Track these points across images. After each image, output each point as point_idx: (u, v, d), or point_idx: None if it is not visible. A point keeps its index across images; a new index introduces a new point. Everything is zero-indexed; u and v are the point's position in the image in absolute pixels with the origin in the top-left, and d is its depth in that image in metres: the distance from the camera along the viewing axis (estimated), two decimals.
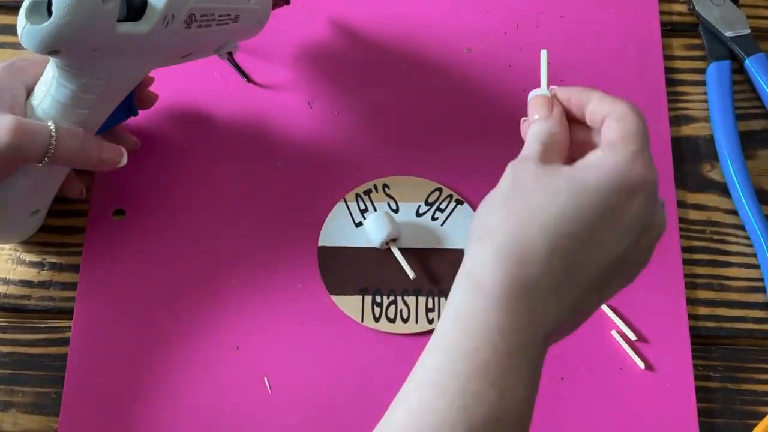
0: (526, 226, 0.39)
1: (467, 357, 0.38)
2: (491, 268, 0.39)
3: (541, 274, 0.39)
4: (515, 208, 0.40)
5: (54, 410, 0.52)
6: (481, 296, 0.39)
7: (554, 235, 0.39)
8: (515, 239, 0.39)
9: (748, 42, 0.63)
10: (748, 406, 0.54)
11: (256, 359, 0.53)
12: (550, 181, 0.40)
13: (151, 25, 0.46)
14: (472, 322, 0.39)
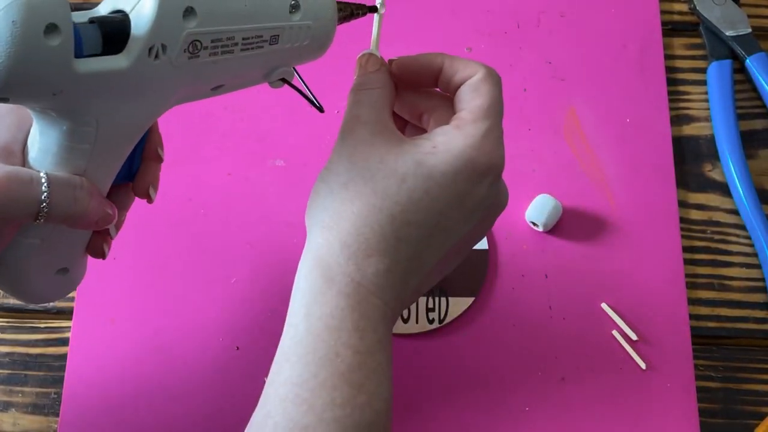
0: (373, 213, 0.38)
1: (330, 365, 0.36)
2: (341, 261, 0.38)
3: (391, 265, 0.38)
4: (360, 191, 0.39)
5: (54, 410, 0.52)
6: (333, 294, 0.37)
7: (402, 223, 0.38)
8: (363, 230, 0.38)
9: (749, 41, 0.63)
10: (748, 406, 0.53)
11: (256, 359, 0.53)
12: (395, 163, 0.39)
13: (132, 58, 0.36)
14: (328, 323, 0.37)
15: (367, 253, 0.38)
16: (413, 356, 0.53)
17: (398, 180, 0.38)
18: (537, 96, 0.61)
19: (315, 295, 0.38)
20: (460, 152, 0.39)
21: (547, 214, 0.56)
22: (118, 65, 0.36)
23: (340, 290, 0.37)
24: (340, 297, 0.37)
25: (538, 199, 0.56)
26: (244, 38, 0.40)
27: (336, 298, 0.37)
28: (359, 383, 0.36)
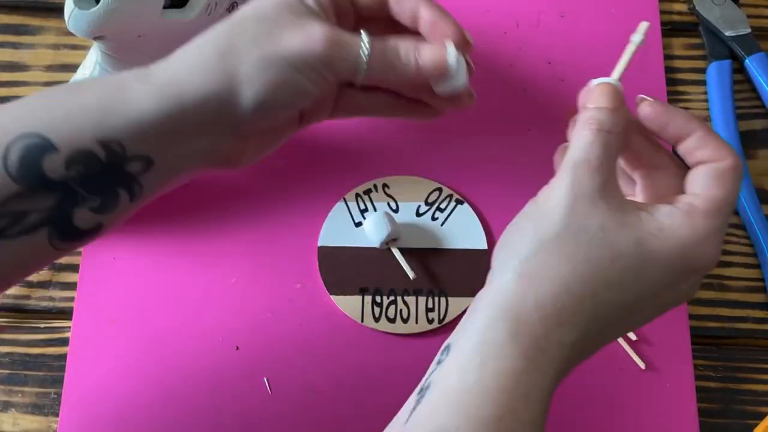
0: (578, 283, 0.36)
1: (490, 427, 0.34)
2: (532, 321, 0.36)
3: (577, 340, 0.36)
4: (572, 254, 0.36)
5: (54, 410, 0.52)
6: (515, 354, 0.35)
7: (603, 302, 0.36)
8: (563, 297, 0.36)
9: (748, 41, 0.63)
10: (748, 406, 0.53)
11: (256, 359, 0.53)
12: (616, 235, 0.36)
13: (196, 12, 0.47)
14: (502, 383, 0.35)
15: (559, 321, 0.36)
16: (413, 356, 0.53)
17: (614, 255, 0.36)
18: (537, 96, 0.61)
19: (496, 347, 0.36)
20: (684, 245, 0.37)
21: None
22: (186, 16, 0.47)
23: (522, 351, 0.35)
24: (521, 359, 0.35)
25: None
26: None
27: (517, 359, 0.35)
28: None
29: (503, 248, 0.38)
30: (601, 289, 0.36)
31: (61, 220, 0.38)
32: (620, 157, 0.41)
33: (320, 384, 0.53)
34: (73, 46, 0.63)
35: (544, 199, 0.38)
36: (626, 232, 0.36)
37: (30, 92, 0.61)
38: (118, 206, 0.40)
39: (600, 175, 0.37)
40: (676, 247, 0.37)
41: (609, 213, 0.37)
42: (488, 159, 0.59)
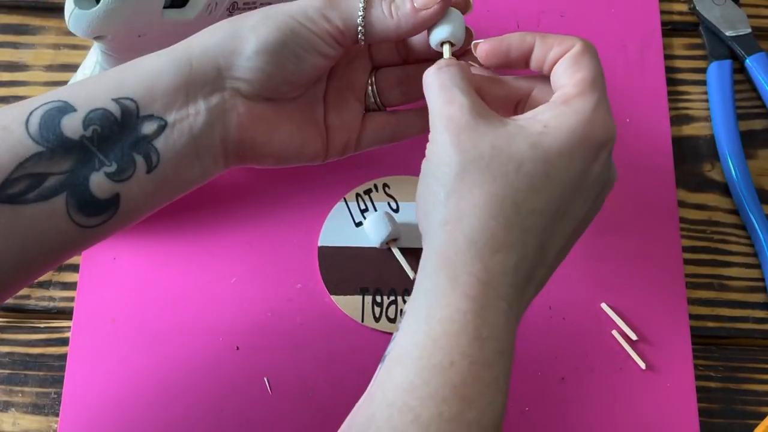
0: (497, 203, 0.36)
1: (443, 374, 0.34)
2: (467, 260, 0.36)
3: (519, 261, 0.36)
4: (478, 181, 0.36)
5: (54, 410, 0.52)
6: (456, 296, 0.35)
7: (527, 212, 0.36)
8: (489, 223, 0.36)
9: (748, 41, 0.63)
10: (748, 406, 0.53)
11: (256, 359, 0.53)
12: (509, 147, 0.36)
13: (196, 12, 0.47)
14: (447, 328, 0.35)
15: (494, 248, 0.35)
16: None
17: (516, 165, 0.36)
18: None
19: (438, 296, 0.36)
20: (573, 129, 0.37)
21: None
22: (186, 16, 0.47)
23: (464, 292, 0.35)
24: (464, 300, 0.35)
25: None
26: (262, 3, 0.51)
27: (459, 301, 0.35)
28: (471, 398, 0.34)
29: (421, 214, 0.39)
30: (519, 200, 0.36)
31: (78, 185, 0.39)
32: (492, 103, 0.41)
33: (320, 384, 0.53)
34: (74, 46, 0.63)
35: (432, 152, 0.39)
36: (517, 141, 0.36)
37: (30, 92, 0.61)
38: (135, 175, 0.40)
39: (466, 102, 0.38)
40: (568, 133, 0.37)
41: (493, 131, 0.37)
42: None
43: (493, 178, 0.36)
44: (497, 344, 0.35)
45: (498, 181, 0.36)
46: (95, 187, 0.39)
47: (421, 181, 0.39)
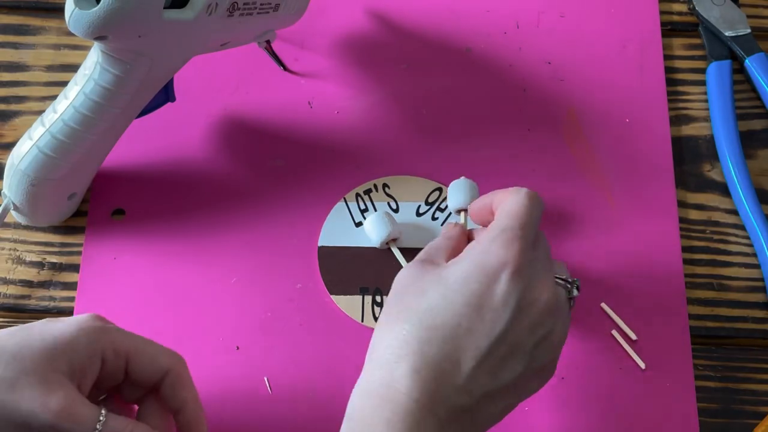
0: (398, 326, 0.43)
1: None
2: (376, 373, 0.42)
3: (419, 366, 0.41)
4: (394, 313, 0.44)
5: None
6: (368, 398, 0.42)
7: (423, 328, 0.42)
8: (391, 342, 0.42)
9: (748, 41, 0.63)
10: (748, 406, 0.53)
11: (256, 359, 0.53)
12: (422, 282, 0.44)
13: (196, 12, 0.47)
14: (362, 421, 0.41)
15: (395, 359, 0.42)
16: None
17: (420, 295, 0.43)
18: (537, 96, 0.61)
19: (354, 406, 0.42)
20: (470, 258, 0.44)
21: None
22: (186, 17, 0.47)
23: (371, 392, 0.42)
24: (373, 398, 0.41)
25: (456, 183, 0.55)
26: (262, 4, 0.51)
27: (369, 400, 0.42)
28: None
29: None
30: (416, 321, 0.42)
31: None
32: None
33: (320, 384, 0.53)
34: (74, 46, 0.63)
35: None
36: (430, 276, 0.44)
37: (30, 92, 0.61)
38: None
39: (418, 261, 0.46)
40: (466, 263, 0.44)
41: (421, 275, 0.45)
42: (488, 159, 0.59)
43: (400, 309, 0.44)
44: (403, 424, 0.40)
45: (403, 311, 0.43)
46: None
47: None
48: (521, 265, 0.43)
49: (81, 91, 0.49)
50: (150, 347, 0.45)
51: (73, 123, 0.50)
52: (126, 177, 0.58)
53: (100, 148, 0.53)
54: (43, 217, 0.56)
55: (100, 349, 0.43)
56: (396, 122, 0.60)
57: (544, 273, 0.44)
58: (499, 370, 0.42)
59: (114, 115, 0.51)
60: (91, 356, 0.43)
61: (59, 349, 0.42)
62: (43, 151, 0.51)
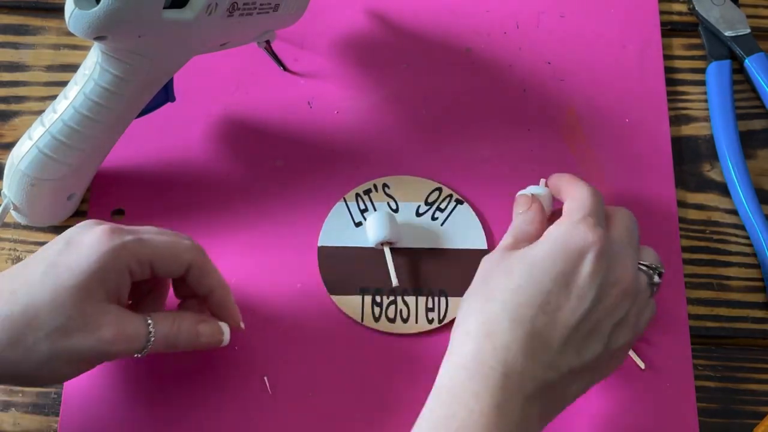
0: (489, 305, 0.44)
1: (446, 422, 0.42)
2: (466, 347, 0.44)
3: (510, 341, 0.43)
4: (482, 293, 0.46)
5: (54, 410, 0.52)
6: (458, 370, 0.44)
7: (513, 305, 0.44)
8: (481, 318, 0.44)
9: (748, 41, 0.63)
10: (748, 405, 0.54)
11: (256, 359, 0.53)
12: (507, 263, 0.46)
13: (196, 12, 0.47)
14: (451, 392, 0.43)
15: (486, 334, 0.44)
16: (413, 356, 0.53)
17: (507, 274, 0.45)
18: (537, 96, 0.61)
19: (443, 377, 0.44)
20: (555, 238, 0.46)
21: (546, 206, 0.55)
22: (185, 17, 0.47)
23: (462, 365, 0.43)
24: (461, 371, 0.43)
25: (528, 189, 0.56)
26: (261, 4, 0.51)
27: (457, 372, 0.43)
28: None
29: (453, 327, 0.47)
30: (507, 299, 0.44)
31: None
32: None
33: (320, 384, 0.53)
34: (74, 46, 0.63)
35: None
36: (513, 257, 0.46)
37: (30, 92, 0.61)
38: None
39: (504, 242, 0.49)
40: (552, 241, 0.46)
41: (502, 257, 0.47)
42: (488, 159, 0.59)
43: (490, 288, 0.45)
44: (492, 400, 0.42)
45: (493, 290, 0.45)
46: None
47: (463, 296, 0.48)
48: (605, 247, 0.45)
49: (81, 92, 0.49)
50: (169, 249, 0.47)
51: (73, 123, 0.50)
52: (126, 177, 0.58)
53: (100, 148, 0.53)
54: (42, 217, 0.56)
55: (126, 266, 0.45)
56: (396, 122, 0.60)
57: (626, 257, 0.46)
58: (582, 348, 0.44)
59: (114, 115, 0.51)
60: (120, 275, 0.45)
61: (92, 281, 0.44)
62: (43, 151, 0.51)
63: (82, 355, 0.44)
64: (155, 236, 0.47)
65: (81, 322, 0.44)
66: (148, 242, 0.46)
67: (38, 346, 0.43)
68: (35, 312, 0.43)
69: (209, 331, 0.48)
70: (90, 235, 0.45)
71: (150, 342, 0.46)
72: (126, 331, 0.45)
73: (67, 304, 0.43)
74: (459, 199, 0.58)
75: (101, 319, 0.44)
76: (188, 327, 0.48)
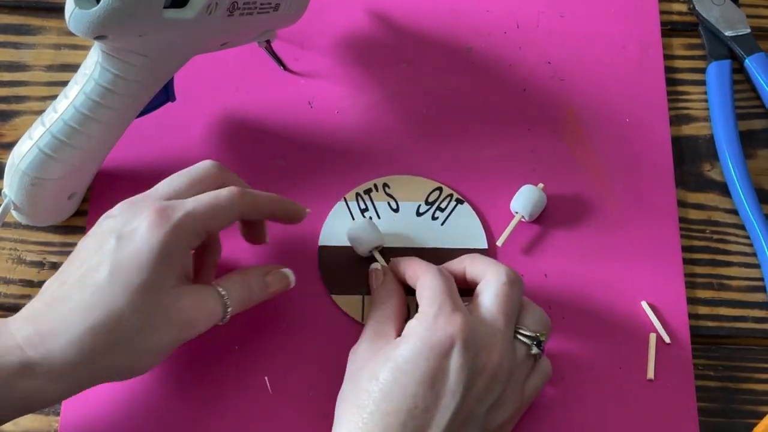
0: (358, 414, 0.43)
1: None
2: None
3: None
4: (348, 398, 0.45)
5: (54, 410, 0.52)
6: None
7: (381, 415, 0.43)
8: (353, 428, 0.43)
9: (748, 41, 0.63)
10: (748, 405, 0.54)
11: (256, 359, 0.53)
12: (374, 364, 0.45)
13: (196, 12, 0.47)
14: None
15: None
16: None
17: (374, 379, 0.44)
18: (536, 96, 0.61)
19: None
20: (417, 338, 0.44)
21: (532, 204, 0.56)
22: (186, 16, 0.47)
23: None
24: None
25: (522, 189, 0.56)
26: (262, 4, 0.51)
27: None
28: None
29: None
30: (374, 408, 0.43)
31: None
32: None
33: (320, 384, 0.53)
34: (74, 46, 0.63)
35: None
36: (381, 358, 0.45)
37: (31, 92, 0.61)
38: None
39: (368, 340, 0.48)
40: (414, 341, 0.44)
41: (372, 354, 0.46)
42: (488, 159, 0.59)
43: (357, 395, 0.44)
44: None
45: (360, 397, 0.44)
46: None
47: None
48: (468, 335, 0.44)
49: (81, 91, 0.49)
50: (216, 210, 0.47)
51: (74, 123, 0.50)
52: (126, 177, 0.58)
53: (101, 147, 0.53)
54: (43, 216, 0.56)
55: (186, 245, 0.46)
56: (396, 122, 0.60)
57: (494, 337, 0.45)
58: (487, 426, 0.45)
59: (114, 114, 0.51)
60: (182, 255, 0.46)
61: (160, 273, 0.44)
62: (44, 151, 0.51)
63: (169, 344, 0.45)
64: (199, 204, 0.46)
65: (162, 316, 0.44)
66: (196, 213, 0.46)
67: (127, 348, 0.44)
68: (117, 318, 0.43)
69: (276, 280, 0.51)
70: (141, 225, 0.44)
71: (228, 311, 0.47)
72: (205, 310, 0.46)
73: (144, 303, 0.43)
74: (459, 199, 0.58)
75: (179, 305, 0.45)
76: (257, 282, 0.49)
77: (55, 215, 0.56)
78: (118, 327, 0.43)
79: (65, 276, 0.45)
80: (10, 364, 0.42)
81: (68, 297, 0.44)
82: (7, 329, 0.44)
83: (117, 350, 0.44)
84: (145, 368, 0.46)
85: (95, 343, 0.43)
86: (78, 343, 0.43)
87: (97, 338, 0.43)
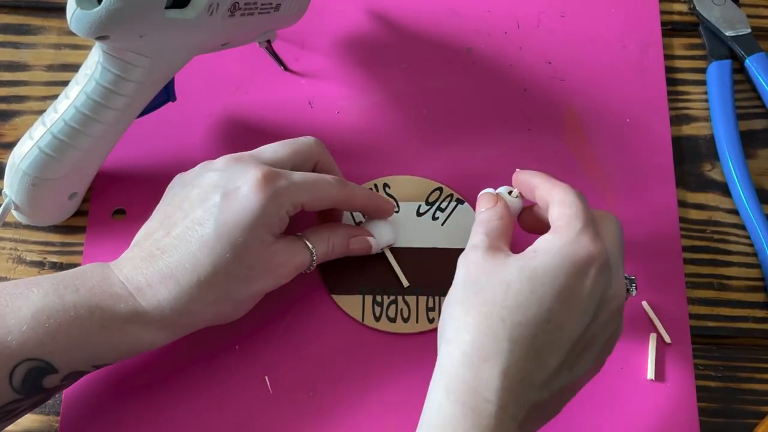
0: (485, 321, 0.42)
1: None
2: (460, 372, 0.42)
3: (507, 368, 0.41)
4: (473, 304, 0.43)
5: (54, 410, 0.52)
6: (450, 403, 0.41)
7: (513, 324, 0.41)
8: (479, 337, 0.42)
9: (748, 41, 0.63)
10: (749, 405, 0.53)
11: (256, 359, 0.53)
12: (501, 273, 0.43)
13: (197, 12, 0.47)
14: (444, 428, 0.41)
15: (483, 358, 0.41)
16: (413, 356, 0.53)
17: (504, 287, 0.42)
18: (537, 96, 0.61)
19: (436, 407, 0.42)
20: (557, 250, 0.43)
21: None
22: (187, 16, 0.47)
23: (457, 398, 0.41)
24: (457, 406, 0.41)
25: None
26: (263, 4, 0.51)
27: (452, 407, 0.41)
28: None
29: (439, 327, 0.45)
30: (505, 315, 0.41)
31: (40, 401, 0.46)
32: (531, 229, 0.50)
33: (320, 384, 0.53)
34: (75, 45, 0.63)
35: (453, 283, 0.46)
36: (509, 267, 0.43)
37: (31, 92, 0.61)
38: None
39: (481, 249, 0.45)
40: (553, 254, 0.43)
41: (494, 263, 0.44)
42: (489, 159, 0.59)
43: (484, 301, 0.42)
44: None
45: (488, 302, 0.42)
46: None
47: (445, 301, 0.45)
48: (607, 261, 0.43)
49: (82, 91, 0.49)
50: (318, 191, 0.49)
51: (74, 123, 0.50)
52: (126, 177, 0.58)
53: (101, 147, 0.53)
54: (43, 216, 0.56)
55: (284, 210, 0.48)
56: (396, 122, 0.60)
57: (620, 271, 0.45)
58: (575, 365, 0.43)
59: (115, 114, 0.51)
60: (280, 218, 0.48)
61: (260, 231, 0.47)
62: (44, 151, 0.51)
63: (264, 292, 0.49)
64: (304, 181, 0.49)
65: (261, 269, 0.48)
66: (299, 185, 0.48)
67: (229, 298, 0.48)
68: (224, 272, 0.46)
69: (358, 245, 0.53)
70: (245, 185, 0.47)
71: (313, 263, 0.51)
72: (296, 263, 0.50)
73: (247, 258, 0.47)
74: (460, 199, 0.58)
75: (276, 260, 0.48)
76: (341, 242, 0.52)
77: (56, 215, 0.56)
78: (223, 280, 0.46)
79: (169, 225, 0.48)
80: (123, 311, 0.45)
81: (174, 249, 0.46)
82: (116, 277, 0.46)
83: (221, 300, 0.47)
84: (241, 313, 0.50)
85: (202, 295, 0.46)
86: (187, 294, 0.46)
87: (204, 290, 0.46)
